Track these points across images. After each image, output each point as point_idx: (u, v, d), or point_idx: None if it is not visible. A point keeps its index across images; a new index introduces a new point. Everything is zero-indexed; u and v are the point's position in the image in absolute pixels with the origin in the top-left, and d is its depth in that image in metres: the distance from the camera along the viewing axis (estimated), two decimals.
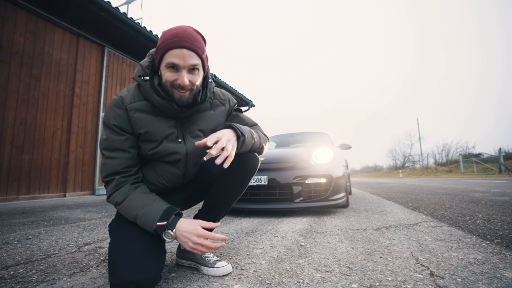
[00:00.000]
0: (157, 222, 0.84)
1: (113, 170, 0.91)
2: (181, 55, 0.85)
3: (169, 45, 0.85)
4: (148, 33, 5.47)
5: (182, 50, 0.85)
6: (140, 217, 0.86)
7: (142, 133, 0.94)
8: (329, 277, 0.98)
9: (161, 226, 0.83)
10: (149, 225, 0.85)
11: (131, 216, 0.88)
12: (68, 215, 2.69)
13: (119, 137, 0.91)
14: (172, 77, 0.87)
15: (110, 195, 0.92)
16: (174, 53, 0.85)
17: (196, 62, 0.88)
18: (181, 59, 0.85)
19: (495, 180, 10.25)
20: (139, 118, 0.93)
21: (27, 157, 4.20)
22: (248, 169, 1.06)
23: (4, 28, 3.98)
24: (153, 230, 0.84)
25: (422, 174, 28.12)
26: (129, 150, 0.93)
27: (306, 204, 2.40)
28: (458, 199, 3.63)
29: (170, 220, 0.85)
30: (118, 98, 0.92)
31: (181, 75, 0.86)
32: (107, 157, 0.91)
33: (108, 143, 0.91)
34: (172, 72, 0.87)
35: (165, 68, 0.87)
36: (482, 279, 0.92)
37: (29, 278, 1.01)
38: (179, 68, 0.86)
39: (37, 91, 4.40)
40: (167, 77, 0.88)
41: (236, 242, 1.55)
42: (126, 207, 0.89)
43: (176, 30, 0.87)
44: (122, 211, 0.90)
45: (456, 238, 1.52)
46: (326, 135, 4.14)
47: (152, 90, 0.90)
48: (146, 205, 0.87)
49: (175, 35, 0.85)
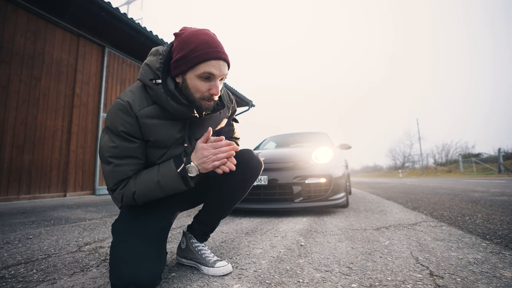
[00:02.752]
0: (177, 170, 0.86)
1: (124, 176, 0.87)
2: (218, 66, 0.83)
3: (206, 56, 0.81)
4: (149, 33, 5.47)
5: (219, 62, 0.83)
6: (160, 180, 0.86)
7: (152, 140, 0.89)
8: (329, 277, 0.98)
9: (182, 169, 0.86)
10: (173, 178, 0.86)
11: (153, 188, 0.87)
12: (68, 215, 2.69)
13: (131, 144, 0.86)
14: (205, 87, 0.85)
15: (122, 196, 0.88)
16: (212, 64, 0.82)
17: (227, 71, 0.88)
18: (218, 70, 0.83)
19: (494, 180, 10.24)
20: (150, 125, 0.87)
21: (28, 157, 4.21)
22: (251, 173, 1.06)
23: (5, 29, 3.99)
24: (180, 179, 0.87)
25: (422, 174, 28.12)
26: (140, 157, 0.90)
27: (306, 204, 2.40)
28: (457, 199, 3.63)
29: (184, 160, 0.88)
30: (124, 103, 0.85)
31: (216, 85, 0.85)
32: (116, 164, 0.86)
33: (118, 151, 0.85)
34: (205, 81, 0.85)
35: (197, 77, 0.84)
36: (481, 278, 0.92)
37: (30, 277, 1.01)
38: (214, 78, 0.85)
39: (38, 91, 4.40)
40: (199, 87, 0.85)
41: (236, 242, 1.55)
42: (143, 187, 0.86)
43: (205, 38, 0.83)
44: (141, 194, 0.87)
45: (455, 238, 1.53)
46: (326, 135, 4.15)
47: (165, 95, 0.85)
48: (158, 170, 0.88)
49: (208, 44, 0.82)
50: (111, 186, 0.88)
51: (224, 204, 1.10)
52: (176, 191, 0.90)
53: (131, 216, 0.96)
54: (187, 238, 1.14)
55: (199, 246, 1.11)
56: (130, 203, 0.90)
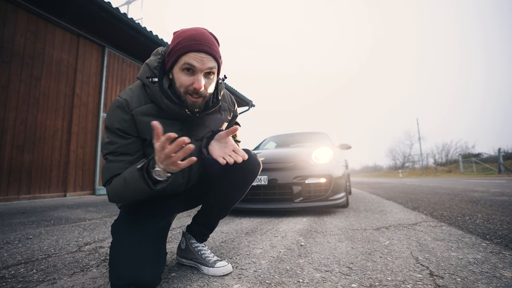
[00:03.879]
0: (137, 167, 0.77)
1: (116, 172, 0.87)
2: (199, 58, 0.82)
3: (187, 48, 0.81)
4: (148, 33, 5.47)
5: (200, 54, 0.82)
6: (127, 176, 0.80)
7: (148, 139, 0.89)
8: (329, 277, 0.98)
9: (142, 167, 0.76)
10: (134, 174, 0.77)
11: (121, 184, 0.82)
12: (68, 215, 2.69)
13: (124, 140, 0.87)
14: (188, 81, 0.84)
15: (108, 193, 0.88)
16: (192, 56, 0.81)
17: (213, 65, 0.85)
18: (199, 62, 0.82)
19: (494, 180, 10.25)
20: (146, 123, 0.87)
21: (28, 157, 4.21)
22: (249, 174, 1.06)
23: (5, 29, 3.99)
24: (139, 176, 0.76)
25: (422, 174, 28.12)
26: (133, 154, 0.89)
27: (306, 204, 2.40)
28: (457, 199, 3.63)
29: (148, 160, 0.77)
30: (122, 101, 0.86)
31: (198, 79, 0.83)
32: (111, 160, 0.87)
33: (112, 147, 0.86)
34: (187, 75, 0.84)
35: (180, 70, 0.84)
36: (481, 278, 0.92)
37: (30, 277, 1.01)
38: (196, 71, 0.83)
39: (38, 91, 4.40)
40: (182, 81, 0.84)
41: (236, 242, 1.55)
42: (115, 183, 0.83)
43: (192, 32, 0.83)
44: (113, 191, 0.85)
45: (455, 238, 1.53)
46: (326, 135, 4.15)
47: (161, 93, 0.86)
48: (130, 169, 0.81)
49: (192, 37, 0.82)
50: (103, 183, 0.90)
51: (223, 205, 1.09)
52: (140, 191, 0.80)
53: (131, 216, 0.96)
54: (186, 239, 1.14)
55: (199, 246, 1.11)
56: (113, 201, 0.90)
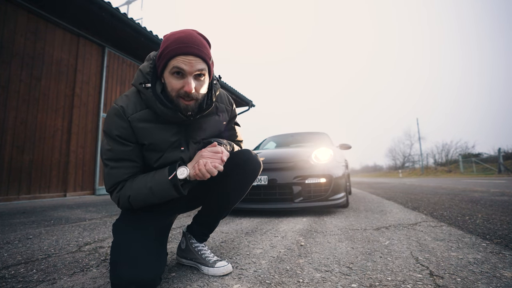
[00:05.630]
0: (168, 178, 0.85)
1: (119, 179, 0.88)
2: (188, 61, 0.81)
3: (174, 51, 0.81)
4: (148, 33, 5.47)
5: (188, 57, 0.81)
6: (153, 186, 0.86)
7: (146, 143, 0.91)
8: (329, 277, 0.98)
9: (174, 177, 0.85)
10: (165, 185, 0.86)
11: (146, 194, 0.87)
12: (68, 215, 2.69)
13: (124, 147, 0.88)
14: (178, 84, 0.83)
15: (118, 199, 0.89)
16: (181, 59, 0.81)
17: (203, 67, 0.84)
18: (187, 65, 0.81)
19: (494, 180, 10.24)
20: (143, 129, 0.89)
21: (28, 157, 4.21)
22: (249, 174, 1.06)
23: (5, 29, 3.99)
24: (172, 186, 0.85)
25: (422, 174, 28.11)
26: (134, 159, 0.91)
27: (306, 204, 2.40)
28: (457, 199, 3.63)
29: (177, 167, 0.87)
30: (118, 108, 0.87)
31: (187, 82, 0.83)
32: (112, 167, 0.88)
33: (113, 154, 0.88)
34: (177, 79, 0.83)
35: (170, 74, 0.84)
36: (481, 278, 0.93)
37: (30, 277, 1.01)
38: (185, 74, 0.83)
39: (38, 91, 4.40)
40: (173, 85, 0.84)
41: (236, 242, 1.55)
42: (136, 192, 0.87)
43: (180, 35, 0.83)
44: (135, 199, 0.88)
45: (455, 238, 1.53)
46: (326, 135, 4.15)
47: (154, 99, 0.86)
48: (152, 176, 0.88)
49: (180, 40, 0.81)
50: (108, 188, 0.91)
51: (223, 205, 1.09)
52: (168, 198, 0.89)
53: (132, 216, 0.96)
54: (186, 239, 1.14)
55: (199, 246, 1.11)
56: (126, 207, 0.91)
